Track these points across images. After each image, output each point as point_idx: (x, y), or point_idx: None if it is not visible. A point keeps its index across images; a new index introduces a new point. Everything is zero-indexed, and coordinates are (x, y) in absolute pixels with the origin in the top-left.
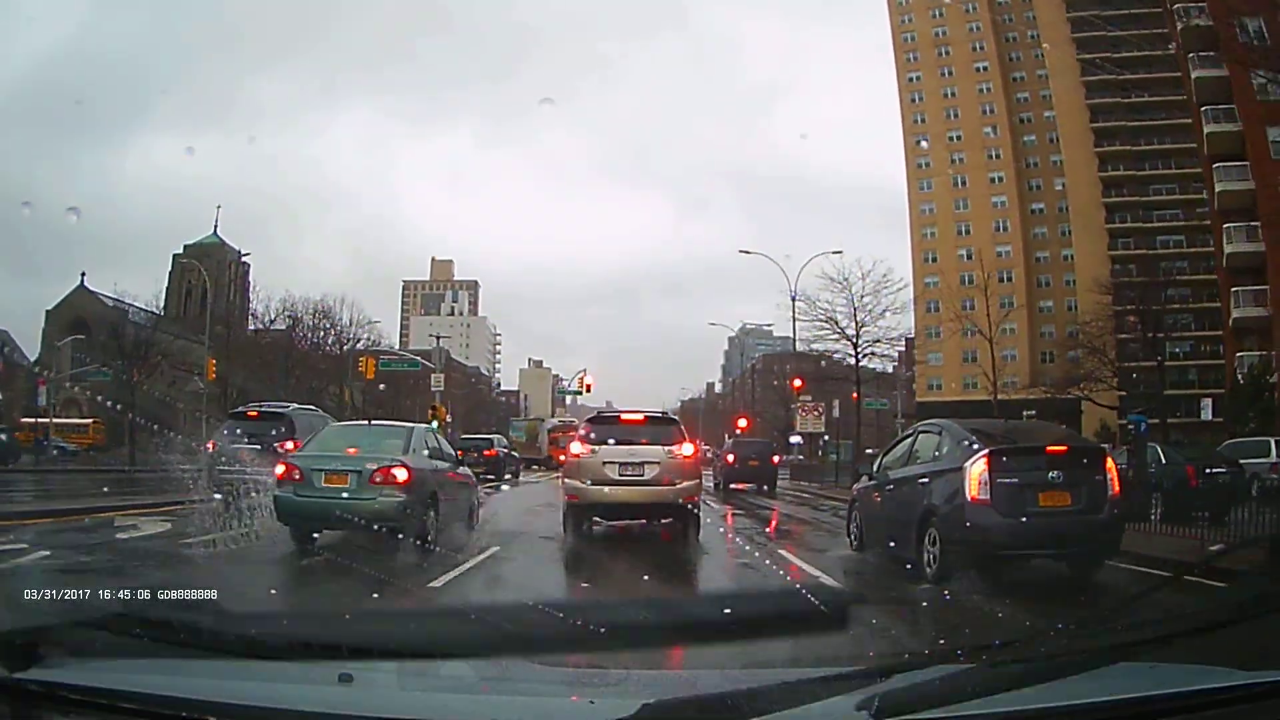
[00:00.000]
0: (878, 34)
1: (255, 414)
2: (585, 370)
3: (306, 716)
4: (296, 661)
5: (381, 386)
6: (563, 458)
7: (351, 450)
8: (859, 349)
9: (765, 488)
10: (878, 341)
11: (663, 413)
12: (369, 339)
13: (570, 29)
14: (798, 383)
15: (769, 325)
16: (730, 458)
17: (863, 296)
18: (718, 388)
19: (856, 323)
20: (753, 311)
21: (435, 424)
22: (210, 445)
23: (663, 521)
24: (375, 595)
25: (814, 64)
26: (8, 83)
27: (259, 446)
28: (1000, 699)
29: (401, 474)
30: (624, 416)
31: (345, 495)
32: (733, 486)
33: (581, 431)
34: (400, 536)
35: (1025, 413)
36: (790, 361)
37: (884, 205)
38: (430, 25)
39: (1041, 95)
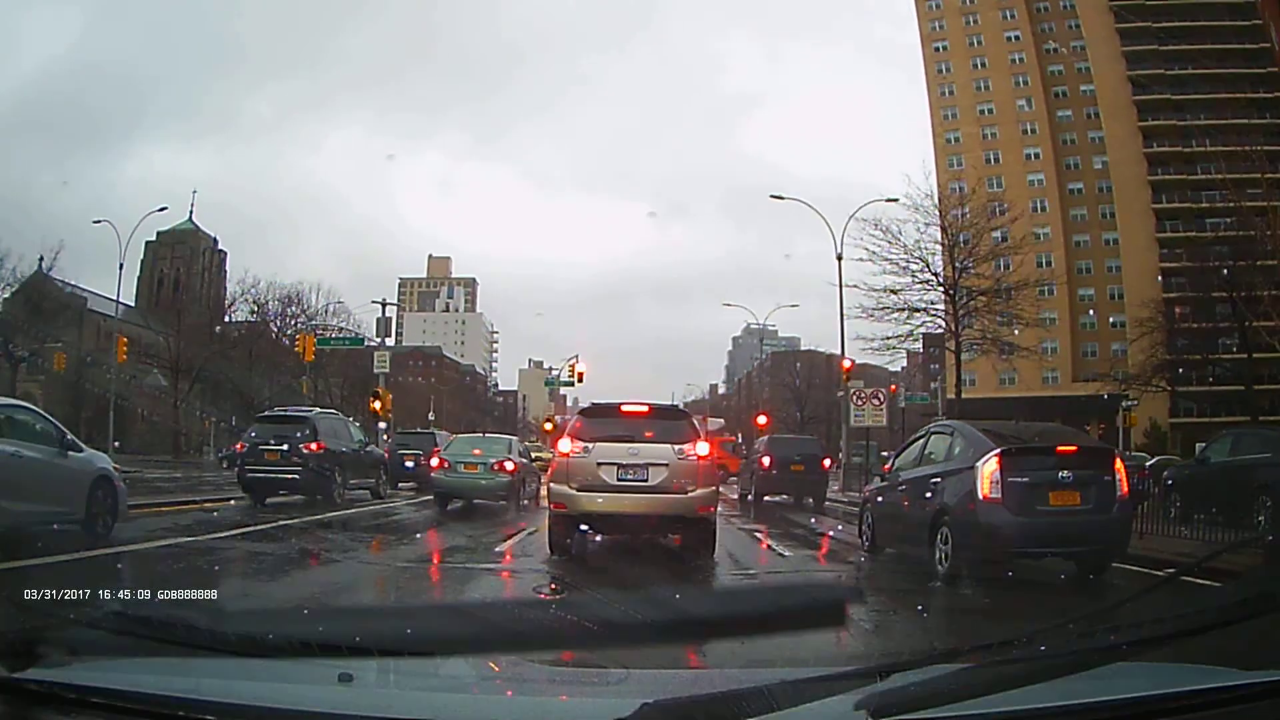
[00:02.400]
0: (898, 3)
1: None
2: (577, 357)
3: (306, 716)
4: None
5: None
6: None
7: (477, 451)
8: (957, 304)
9: (810, 500)
10: (984, 294)
11: (672, 405)
12: (348, 330)
13: (568, 38)
14: (847, 363)
15: (774, 326)
16: (766, 461)
17: (960, 230)
18: (721, 389)
19: (953, 265)
20: (754, 314)
21: (381, 423)
22: (239, 446)
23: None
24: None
25: (827, 47)
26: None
27: (285, 447)
28: (999, 698)
29: (510, 465)
30: (624, 408)
31: (476, 476)
32: (766, 499)
33: (571, 426)
34: (506, 502)
35: (1127, 396)
36: (801, 359)
37: (910, 182)
38: (428, 42)
39: (1078, 68)
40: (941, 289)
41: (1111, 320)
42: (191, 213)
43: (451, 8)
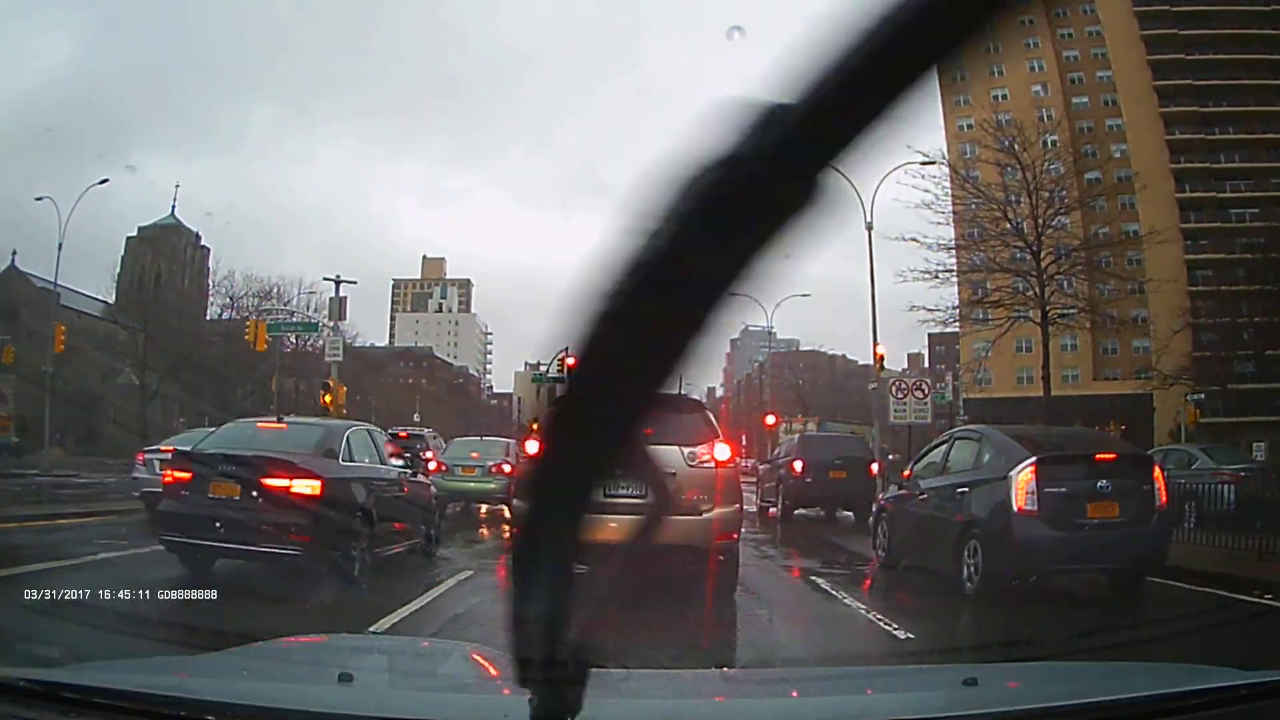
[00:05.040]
0: None
1: (405, 434)
2: (566, 349)
3: (306, 716)
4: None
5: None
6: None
7: (475, 454)
8: (1043, 266)
9: (851, 515)
10: (1077, 249)
11: (680, 393)
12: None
13: (563, 42)
14: (881, 350)
15: (772, 328)
16: (798, 465)
17: (1044, 169)
18: (719, 392)
19: (1037, 217)
20: (760, 303)
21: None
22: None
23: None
24: None
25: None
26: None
27: (409, 455)
28: (1001, 697)
29: (507, 467)
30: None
31: (473, 480)
32: (797, 512)
33: (542, 421)
34: (503, 505)
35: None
36: (804, 360)
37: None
38: (420, 53)
39: (1094, 54)
40: (1023, 244)
41: (1133, 315)
42: (174, 208)
43: (441, 23)
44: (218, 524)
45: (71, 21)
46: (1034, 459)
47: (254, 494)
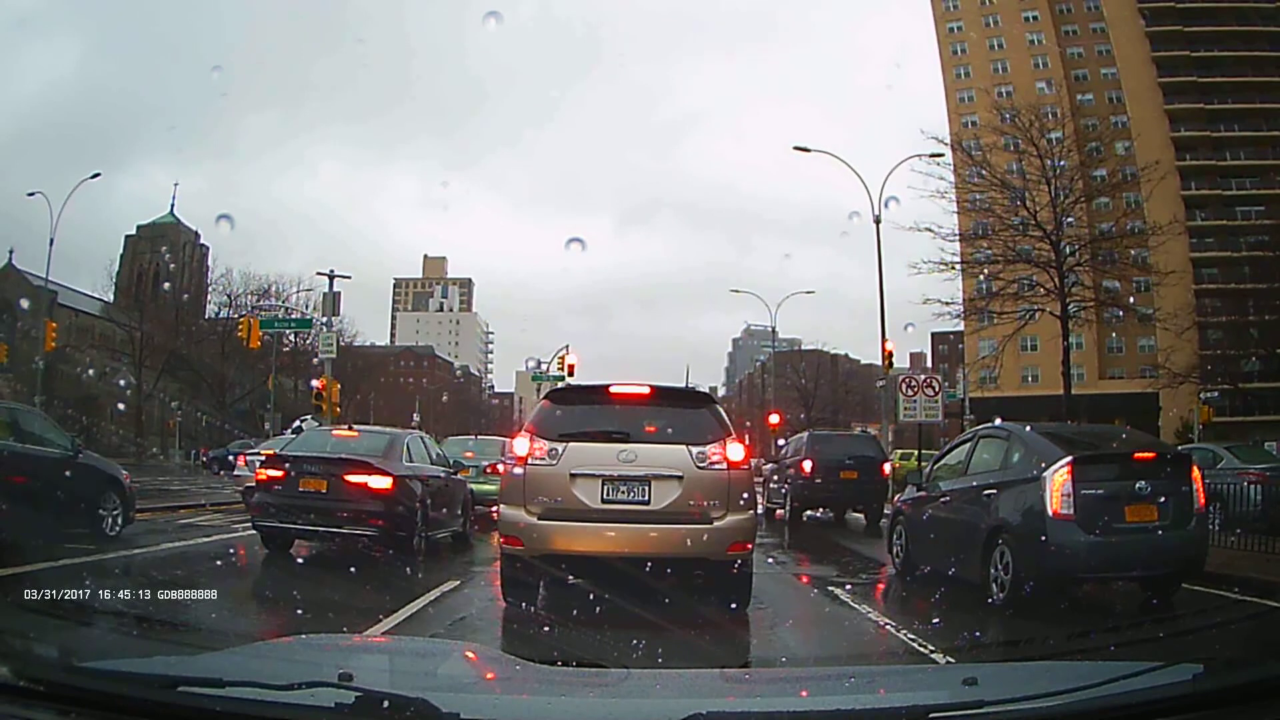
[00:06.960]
0: None
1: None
2: (567, 347)
3: (307, 716)
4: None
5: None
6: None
7: (469, 454)
8: (1062, 257)
9: (863, 518)
10: (1099, 240)
11: (687, 387)
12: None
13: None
14: (890, 346)
15: (774, 327)
16: (808, 465)
17: (1060, 157)
18: (721, 391)
19: (1057, 206)
20: (763, 300)
21: (317, 415)
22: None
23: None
24: None
25: (832, 42)
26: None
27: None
28: (1000, 696)
29: (501, 468)
30: (614, 390)
31: (467, 480)
32: (805, 514)
33: (533, 417)
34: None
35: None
36: (807, 359)
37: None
38: (427, 60)
39: (1099, 50)
40: (1041, 234)
41: (1148, 310)
42: (173, 206)
43: (441, 35)
44: (307, 512)
45: (76, 25)
46: (1070, 459)
47: (339, 487)
